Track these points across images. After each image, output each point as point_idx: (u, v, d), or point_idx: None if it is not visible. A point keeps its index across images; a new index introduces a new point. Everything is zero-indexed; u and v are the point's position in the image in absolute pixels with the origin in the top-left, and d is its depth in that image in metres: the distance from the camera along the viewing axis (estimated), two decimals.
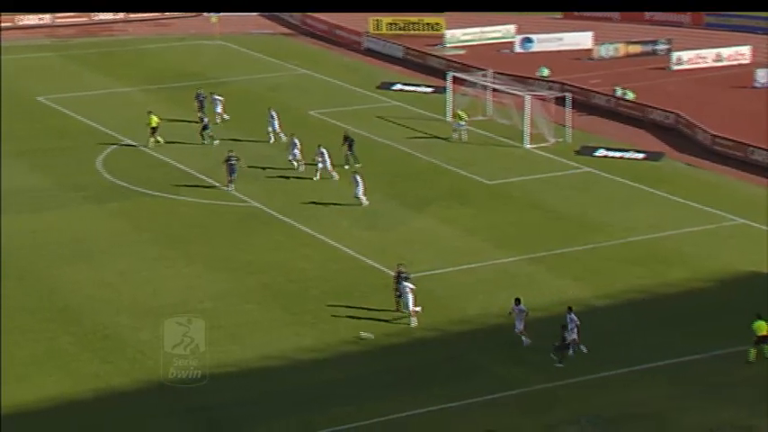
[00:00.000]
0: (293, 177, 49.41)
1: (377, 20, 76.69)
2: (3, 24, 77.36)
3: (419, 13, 78.25)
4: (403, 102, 62.55)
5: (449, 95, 59.20)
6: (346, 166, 50.09)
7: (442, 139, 55.81)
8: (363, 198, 46.05)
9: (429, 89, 64.88)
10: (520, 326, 35.48)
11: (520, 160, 53.37)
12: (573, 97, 57.93)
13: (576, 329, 34.84)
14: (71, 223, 44.72)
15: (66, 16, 79.04)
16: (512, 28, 75.80)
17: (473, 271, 40.97)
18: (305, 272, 40.36)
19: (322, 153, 49.21)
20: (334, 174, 49.03)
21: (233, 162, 48.09)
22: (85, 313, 37.29)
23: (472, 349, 35.49)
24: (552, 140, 55.47)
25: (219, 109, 57.01)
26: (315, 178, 48.74)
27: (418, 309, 36.68)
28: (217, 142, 53.47)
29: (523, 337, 35.45)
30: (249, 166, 49.41)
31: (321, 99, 62.68)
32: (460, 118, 55.32)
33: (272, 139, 53.66)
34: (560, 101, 57.36)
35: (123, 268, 40.72)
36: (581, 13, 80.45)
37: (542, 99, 57.26)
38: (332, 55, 73.25)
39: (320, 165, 49.08)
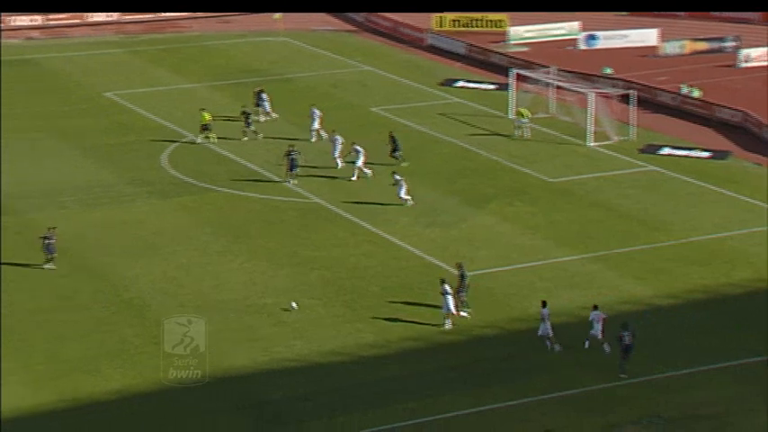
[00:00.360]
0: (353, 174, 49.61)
1: (440, 17, 76.66)
2: (72, 21, 78.63)
3: (482, 11, 78.12)
4: (465, 99, 62.51)
5: (511, 92, 59.05)
6: (404, 164, 50.01)
7: (504, 136, 55.71)
8: (408, 198, 45.74)
9: (492, 86, 64.73)
10: (546, 330, 34.88)
11: (582, 158, 53.11)
12: (637, 95, 57.50)
13: (601, 326, 34.43)
14: (137, 218, 45.39)
15: (133, 13, 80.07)
16: (576, 25, 75.34)
17: (533, 269, 40.91)
18: (366, 268, 40.60)
19: (357, 151, 49.21)
20: (367, 171, 48.83)
21: (294, 156, 48.48)
22: (150, 306, 37.88)
23: (532, 348, 35.46)
24: (616, 138, 55.11)
25: (268, 107, 57.02)
26: (352, 178, 48.67)
27: (464, 314, 36.27)
28: (261, 135, 53.76)
29: (548, 343, 34.86)
30: (311, 166, 49.63)
31: (383, 96, 62.86)
32: (523, 115, 55.17)
33: (314, 138, 53.65)
34: (624, 98, 56.97)
35: (187, 262, 41.27)
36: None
37: (606, 97, 56.88)
38: (395, 52, 73.37)
39: (357, 162, 48.96)
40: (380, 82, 65.96)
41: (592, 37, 73.30)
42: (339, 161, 49.96)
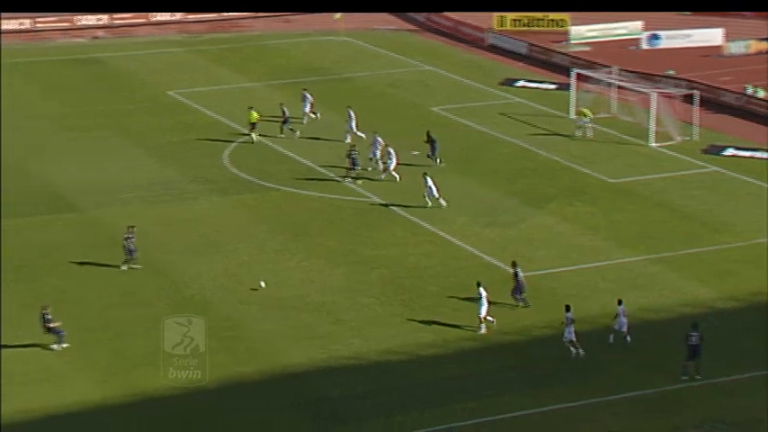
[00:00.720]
0: (412, 173, 49.48)
1: (501, 16, 76.26)
2: (137, 20, 79.41)
3: (543, 10, 77.57)
4: (526, 98, 62.11)
5: (572, 92, 58.56)
6: (439, 163, 49.74)
7: (565, 136, 55.25)
8: (440, 200, 44.96)
9: (552, 86, 64.26)
10: (570, 335, 34.24)
11: (644, 158, 52.50)
12: (701, 95, 56.72)
13: (625, 321, 34.21)
14: (198, 216, 45.66)
15: (196, 12, 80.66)
16: (639, 24, 74.56)
17: (595, 270, 40.48)
18: (425, 268, 40.44)
19: (390, 153, 48.87)
20: (396, 175, 48.44)
21: (354, 156, 48.44)
22: (211, 303, 38.06)
23: (594, 348, 35.06)
24: (678, 139, 54.41)
25: (308, 108, 56.70)
26: (381, 177, 48.24)
27: (492, 320, 35.82)
28: (298, 133, 53.57)
29: (572, 348, 34.28)
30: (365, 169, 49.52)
31: (444, 95, 62.66)
32: (585, 115, 54.63)
33: (348, 139, 53.23)
34: (688, 98, 56.21)
35: (247, 259, 41.43)
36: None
37: (669, 97, 56.19)
38: (456, 51, 73.14)
39: (390, 166, 48.57)
40: (441, 81, 65.76)
41: (654, 36, 72.49)
42: (379, 163, 49.63)
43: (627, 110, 57.24)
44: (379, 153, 49.75)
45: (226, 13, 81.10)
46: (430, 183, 45.24)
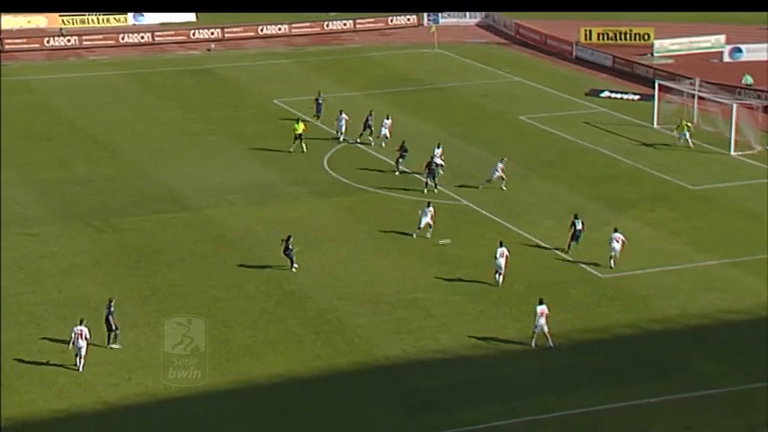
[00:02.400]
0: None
1: (587, 29, 75.50)
2: (247, 34, 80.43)
3: (629, 24, 76.53)
4: (610, 108, 61.34)
5: (655, 103, 57.64)
6: (398, 173, 49.47)
7: (647, 145, 54.42)
8: (427, 226, 42.33)
9: (636, 96, 63.40)
10: (541, 328, 33.82)
11: (724, 166, 51.44)
12: None
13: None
14: (300, 215, 46.05)
15: (301, 26, 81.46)
16: (721, 38, 73.15)
17: (674, 272, 39.81)
18: (511, 267, 40.16)
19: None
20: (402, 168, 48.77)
21: (434, 167, 47.67)
22: (310, 298, 38.35)
23: (671, 347, 34.50)
24: (758, 148, 53.23)
25: (343, 127, 55.02)
26: (396, 172, 48.34)
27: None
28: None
29: (549, 341, 33.84)
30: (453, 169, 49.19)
31: (531, 105, 62.22)
32: (686, 128, 53.07)
33: (378, 143, 52.68)
34: None
35: (344, 257, 41.64)
36: None
37: (750, 108, 55.00)
38: (543, 63, 72.57)
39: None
40: (529, 92, 65.32)
41: (737, 50, 71.01)
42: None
43: (708, 120, 56.16)
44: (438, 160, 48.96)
45: (328, 27, 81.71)
46: (429, 212, 42.77)
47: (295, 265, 39.74)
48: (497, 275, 38.79)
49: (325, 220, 45.58)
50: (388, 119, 54.62)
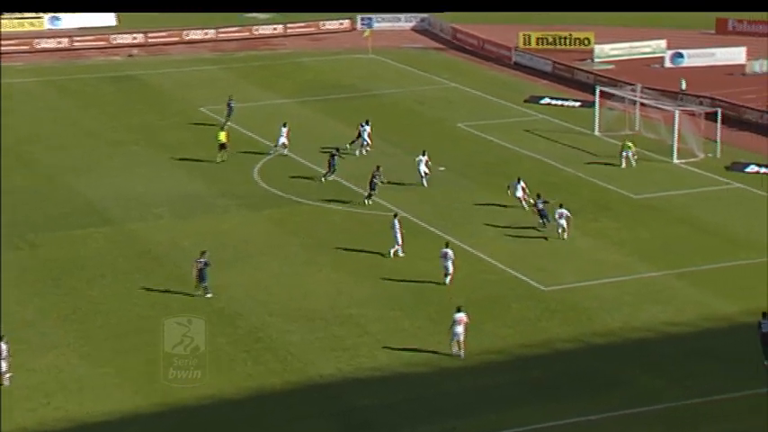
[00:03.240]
0: (439, 188, 49.54)
1: (526, 34, 76.35)
2: (171, 39, 80.00)
3: (568, 28, 77.57)
4: (550, 115, 62.10)
5: (596, 110, 58.49)
6: (326, 178, 50.13)
7: (589, 153, 55.18)
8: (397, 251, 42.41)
9: (576, 103, 64.26)
10: (458, 336, 34.60)
11: (667, 175, 52.35)
12: (724, 113, 56.52)
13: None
14: (230, 228, 45.87)
15: (229, 31, 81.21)
16: (662, 43, 74.41)
17: (617, 284, 40.40)
18: (452, 283, 40.40)
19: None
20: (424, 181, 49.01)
21: (375, 179, 47.66)
22: (240, 315, 38.20)
23: (613, 362, 34.99)
24: (701, 155, 54.25)
25: (284, 139, 54.29)
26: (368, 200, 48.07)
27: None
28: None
29: (455, 348, 34.67)
30: (389, 182, 49.30)
31: (469, 112, 62.75)
32: (629, 147, 53.35)
33: (360, 151, 52.92)
34: (711, 116, 56.02)
35: (276, 272, 41.58)
36: (734, 28, 78.46)
37: (692, 114, 56.03)
38: (481, 69, 73.23)
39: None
40: (466, 98, 65.86)
41: (678, 55, 72.32)
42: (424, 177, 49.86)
43: (650, 127, 57.12)
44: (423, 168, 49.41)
45: (257, 32, 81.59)
46: (397, 227, 42.88)
47: (209, 294, 38.99)
48: (446, 278, 39.46)
49: (255, 232, 45.47)
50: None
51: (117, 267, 42.00)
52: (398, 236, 42.21)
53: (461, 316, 34.95)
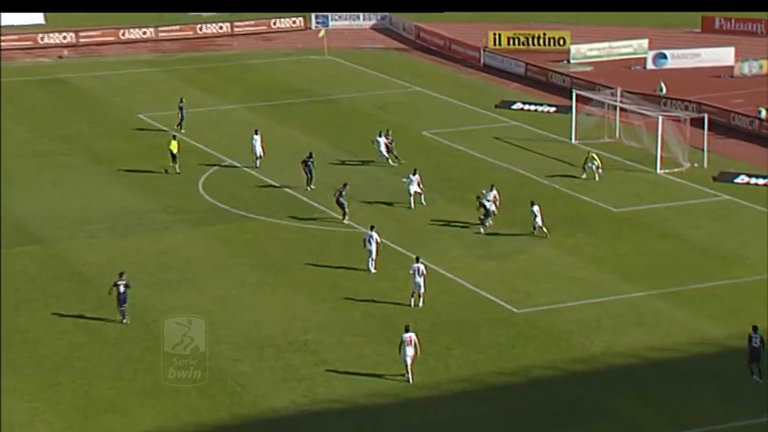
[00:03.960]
0: (402, 202, 49.56)
1: (496, 34, 76.75)
2: (106, 39, 79.60)
3: (542, 27, 78.06)
4: (523, 122, 62.38)
5: (573, 115, 58.83)
6: (310, 187, 50.50)
7: (566, 162, 55.45)
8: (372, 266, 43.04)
9: (552, 108, 64.59)
10: (406, 358, 35.01)
11: (650, 186, 52.71)
12: (711, 118, 57.04)
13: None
14: (171, 247, 45.62)
15: (170, 30, 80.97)
16: (644, 42, 75.04)
17: (597, 305, 40.55)
18: (425, 304, 40.36)
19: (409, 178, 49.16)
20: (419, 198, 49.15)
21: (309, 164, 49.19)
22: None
23: (595, 390, 35.08)
24: (687, 165, 54.67)
25: (258, 150, 54.41)
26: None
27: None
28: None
29: (406, 373, 35.13)
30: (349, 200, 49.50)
31: (435, 118, 62.91)
32: (593, 159, 53.55)
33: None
34: (697, 122, 56.52)
35: (222, 295, 41.38)
36: (721, 27, 79.27)
37: (677, 120, 56.51)
38: (447, 71, 73.48)
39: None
40: (432, 104, 66.02)
41: (661, 56, 72.93)
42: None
43: (631, 134, 57.50)
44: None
45: (201, 32, 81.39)
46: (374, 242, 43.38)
47: (125, 320, 38.89)
48: (418, 298, 39.60)
49: (199, 251, 45.24)
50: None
51: (46, 290, 41.60)
52: (374, 249, 41.81)
53: (410, 336, 35.16)
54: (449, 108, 65.04)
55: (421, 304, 40.00)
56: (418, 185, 49.41)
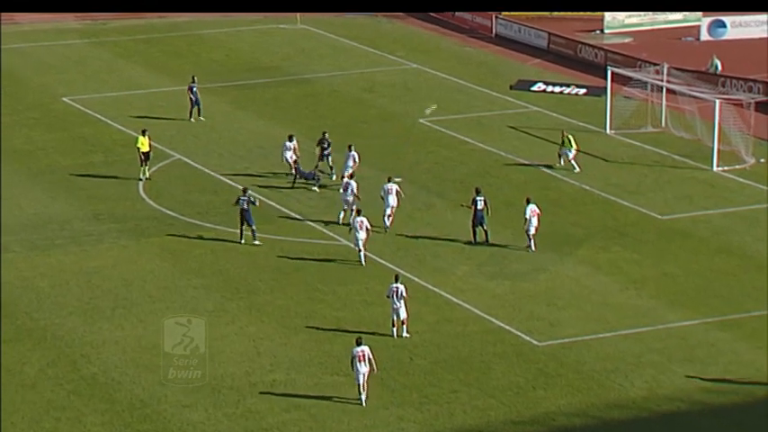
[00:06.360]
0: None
1: None
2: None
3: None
4: (545, 107, 62.61)
5: (608, 99, 59.08)
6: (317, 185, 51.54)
7: (599, 158, 55.71)
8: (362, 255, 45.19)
9: (581, 90, 64.85)
10: (358, 378, 36.22)
11: (705, 188, 52.98)
12: None
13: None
14: (104, 265, 45.72)
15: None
16: None
17: (638, 337, 40.75)
18: (413, 335, 40.56)
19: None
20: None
21: (245, 205, 47.00)
22: (120, 384, 38.05)
23: None
24: (750, 161, 54.94)
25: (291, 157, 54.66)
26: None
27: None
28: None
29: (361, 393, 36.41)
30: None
31: (435, 103, 63.01)
32: (569, 144, 53.73)
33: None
34: (764, 107, 56.77)
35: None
36: None
37: (738, 105, 56.77)
38: (450, 44, 73.68)
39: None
40: (432, 85, 66.22)
41: (719, 24, 73.23)
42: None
43: (681, 122, 57.77)
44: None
45: None
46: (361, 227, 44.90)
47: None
48: (401, 326, 39.99)
49: (141, 269, 45.36)
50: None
51: None
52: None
53: (363, 350, 36.09)
54: (452, 90, 65.22)
55: (405, 334, 40.14)
56: (396, 195, 48.26)
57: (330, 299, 43.22)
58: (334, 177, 51.93)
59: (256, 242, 46.78)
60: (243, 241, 47.18)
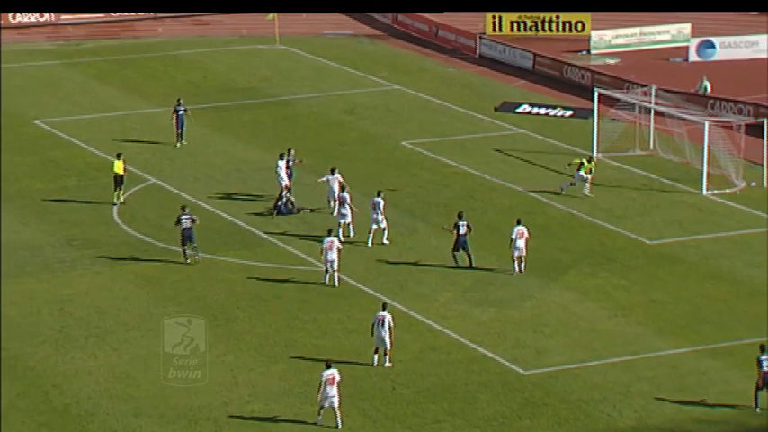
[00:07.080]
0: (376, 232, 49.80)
1: (496, 16, 77.12)
2: None
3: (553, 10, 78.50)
4: (531, 129, 62.70)
5: (595, 121, 59.21)
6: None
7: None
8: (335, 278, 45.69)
9: (568, 112, 64.99)
10: (324, 402, 36.47)
11: (694, 211, 53.08)
12: None
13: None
14: (77, 292, 45.59)
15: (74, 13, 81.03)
16: (686, 28, 75.65)
17: (627, 365, 40.76)
18: (395, 363, 40.51)
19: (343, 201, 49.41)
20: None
21: (187, 224, 47.22)
22: (93, 416, 37.91)
23: None
24: (741, 185, 55.06)
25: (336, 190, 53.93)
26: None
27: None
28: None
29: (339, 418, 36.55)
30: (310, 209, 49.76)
31: (418, 126, 63.15)
32: (583, 168, 53.76)
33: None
34: (754, 129, 56.94)
35: (144, 353, 41.36)
36: None
37: (728, 127, 56.93)
38: (433, 65, 73.79)
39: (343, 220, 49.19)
40: (414, 107, 66.28)
41: (708, 44, 73.44)
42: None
43: (670, 145, 57.90)
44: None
45: (115, 14, 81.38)
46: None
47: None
48: (383, 356, 40.13)
49: (115, 297, 45.26)
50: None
51: None
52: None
53: (332, 373, 36.45)
54: (435, 112, 65.28)
55: (388, 363, 40.08)
56: (381, 209, 48.82)
57: (310, 327, 43.18)
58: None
59: (198, 257, 47.40)
60: (189, 261, 47.19)
